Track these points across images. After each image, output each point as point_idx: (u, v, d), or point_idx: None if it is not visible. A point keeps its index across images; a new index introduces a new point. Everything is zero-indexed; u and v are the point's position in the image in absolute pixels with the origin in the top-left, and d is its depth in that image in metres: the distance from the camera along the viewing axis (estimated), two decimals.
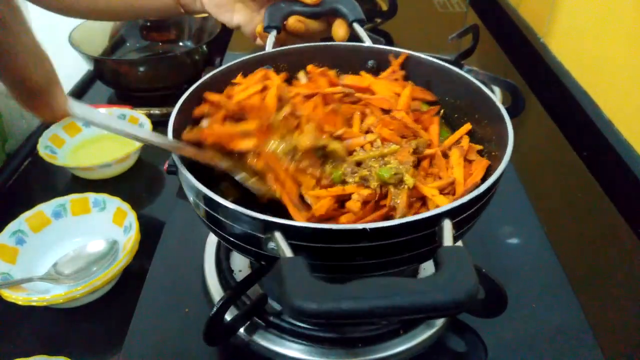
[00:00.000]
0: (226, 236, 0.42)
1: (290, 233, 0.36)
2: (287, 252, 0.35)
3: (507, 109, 0.48)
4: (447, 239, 0.36)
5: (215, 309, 0.45)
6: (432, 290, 0.31)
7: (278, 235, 0.36)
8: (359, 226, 0.36)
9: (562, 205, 0.73)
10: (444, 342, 0.51)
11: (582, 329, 0.52)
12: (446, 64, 0.56)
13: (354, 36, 0.64)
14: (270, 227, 0.37)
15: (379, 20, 1.16)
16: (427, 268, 0.57)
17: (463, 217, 0.39)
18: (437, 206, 0.41)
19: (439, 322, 0.51)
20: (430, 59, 0.57)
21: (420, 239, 0.38)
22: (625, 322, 0.57)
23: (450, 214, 0.37)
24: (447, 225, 0.37)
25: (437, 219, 0.37)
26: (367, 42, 0.60)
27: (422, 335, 0.50)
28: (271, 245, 0.37)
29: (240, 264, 0.58)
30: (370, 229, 0.35)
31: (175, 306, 0.54)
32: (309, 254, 0.34)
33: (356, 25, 0.63)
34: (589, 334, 0.52)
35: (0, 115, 0.77)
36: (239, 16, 0.71)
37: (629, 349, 0.54)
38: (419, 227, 0.37)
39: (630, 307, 0.59)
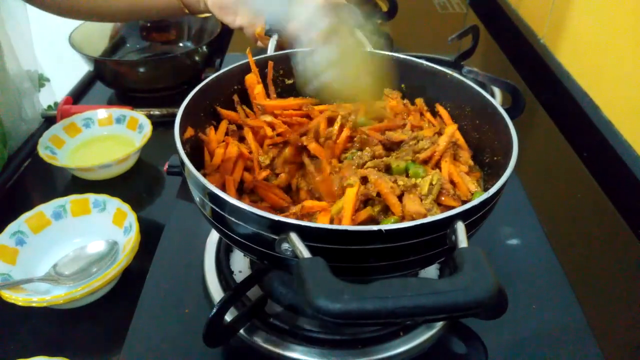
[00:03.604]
0: (233, 236, 0.42)
1: (306, 234, 0.36)
2: (305, 253, 0.34)
3: (508, 110, 0.49)
4: (462, 240, 0.36)
5: (215, 309, 0.45)
6: (455, 290, 0.32)
7: (294, 236, 0.36)
8: (375, 227, 0.36)
9: (562, 206, 0.73)
10: (443, 344, 0.51)
11: (582, 329, 0.52)
12: (444, 69, 0.56)
13: None
14: (285, 228, 0.36)
15: (379, 21, 1.16)
16: (427, 270, 0.57)
17: (474, 219, 0.39)
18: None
19: (439, 323, 0.51)
20: (428, 64, 0.57)
21: (433, 240, 0.38)
22: (625, 322, 0.57)
23: (462, 216, 0.38)
24: (461, 227, 0.37)
25: (451, 220, 0.37)
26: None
27: (421, 337, 0.50)
28: (285, 246, 0.36)
29: (240, 265, 0.58)
30: (385, 230, 0.36)
31: (175, 307, 0.54)
32: (324, 256, 0.34)
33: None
34: (589, 334, 0.52)
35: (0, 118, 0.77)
36: (241, 18, 0.71)
37: (629, 349, 0.54)
38: (433, 228, 0.37)
39: (630, 307, 0.59)
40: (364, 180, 0.48)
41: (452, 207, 0.46)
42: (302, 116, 0.55)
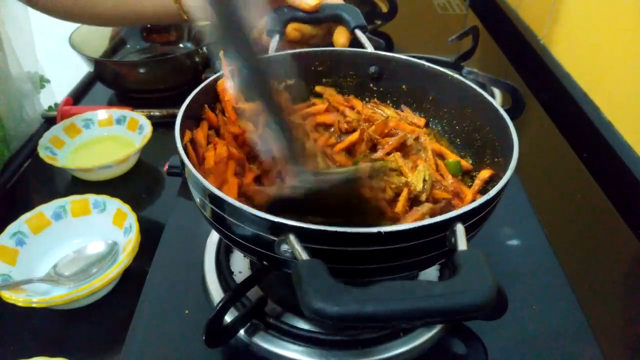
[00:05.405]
0: (233, 237, 0.42)
1: (305, 235, 0.36)
2: (304, 255, 0.34)
3: (508, 111, 0.49)
4: (462, 243, 0.36)
5: (215, 310, 0.45)
6: (454, 293, 0.31)
7: (292, 237, 0.36)
8: (374, 229, 0.36)
9: (562, 206, 0.73)
10: (444, 345, 0.51)
11: (582, 330, 0.52)
12: (444, 70, 0.56)
13: (355, 42, 0.64)
14: (284, 229, 0.36)
15: (379, 22, 1.16)
16: (427, 272, 0.57)
17: (473, 221, 0.39)
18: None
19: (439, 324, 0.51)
20: (429, 65, 0.57)
21: (432, 243, 0.38)
22: (625, 322, 0.57)
23: (462, 218, 0.37)
24: (460, 229, 0.37)
25: (450, 223, 0.37)
26: (369, 48, 0.60)
27: (421, 338, 0.50)
28: (284, 247, 0.36)
29: (240, 266, 0.58)
30: (384, 232, 0.36)
31: (175, 308, 0.54)
32: (322, 257, 0.34)
33: (358, 32, 0.63)
34: (589, 334, 0.52)
35: (1, 118, 0.77)
36: None
37: (629, 349, 0.54)
38: (433, 231, 0.37)
39: (630, 307, 0.59)
40: None
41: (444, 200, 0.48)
42: None
